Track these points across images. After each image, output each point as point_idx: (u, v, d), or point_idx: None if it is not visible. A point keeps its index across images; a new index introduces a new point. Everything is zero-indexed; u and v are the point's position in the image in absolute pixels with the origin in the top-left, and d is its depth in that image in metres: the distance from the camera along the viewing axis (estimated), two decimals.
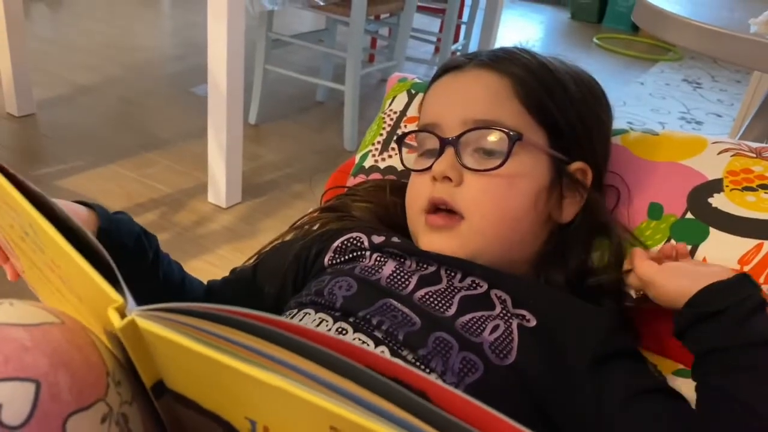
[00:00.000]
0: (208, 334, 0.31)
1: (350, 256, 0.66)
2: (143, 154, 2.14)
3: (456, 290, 0.60)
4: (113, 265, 0.36)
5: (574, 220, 0.67)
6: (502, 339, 0.56)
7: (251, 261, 0.74)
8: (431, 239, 0.64)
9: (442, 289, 0.60)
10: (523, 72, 0.64)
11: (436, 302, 0.59)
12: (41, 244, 0.38)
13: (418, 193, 0.66)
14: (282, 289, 0.69)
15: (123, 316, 0.32)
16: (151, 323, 0.31)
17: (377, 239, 0.66)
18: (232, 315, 0.32)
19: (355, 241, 0.67)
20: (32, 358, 0.33)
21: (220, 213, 1.87)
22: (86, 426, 0.33)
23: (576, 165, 0.66)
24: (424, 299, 0.59)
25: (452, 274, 0.62)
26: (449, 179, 0.62)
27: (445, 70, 0.70)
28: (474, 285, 0.61)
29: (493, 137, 0.62)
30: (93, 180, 1.96)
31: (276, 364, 0.30)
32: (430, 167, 0.64)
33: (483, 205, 0.62)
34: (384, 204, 0.74)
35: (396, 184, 0.77)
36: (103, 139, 2.24)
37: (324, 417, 0.27)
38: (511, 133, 0.62)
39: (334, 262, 0.67)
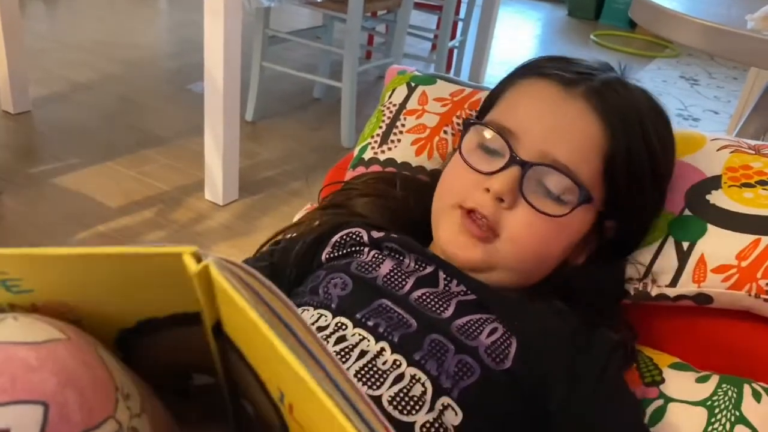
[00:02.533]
0: (266, 306, 0.32)
1: (348, 250, 0.66)
2: (140, 152, 2.13)
3: (453, 295, 0.60)
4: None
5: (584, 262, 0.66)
6: (499, 343, 0.56)
7: (262, 262, 0.72)
8: (459, 239, 0.62)
9: (439, 292, 0.60)
10: (621, 130, 0.61)
11: (432, 304, 0.59)
12: (27, 289, 0.37)
13: (463, 189, 0.62)
14: (287, 290, 0.68)
15: (198, 261, 0.33)
16: (222, 274, 0.32)
17: (376, 234, 0.65)
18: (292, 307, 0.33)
19: (354, 236, 0.66)
20: (39, 378, 0.32)
21: (217, 210, 1.87)
22: None
23: (610, 223, 0.65)
24: (420, 300, 0.59)
25: (449, 278, 0.62)
26: (502, 200, 0.60)
27: (548, 75, 0.63)
28: (465, 293, 0.61)
29: (564, 185, 0.59)
30: (90, 177, 1.95)
31: (311, 359, 0.31)
32: (488, 174, 0.61)
33: (523, 239, 0.60)
34: (391, 196, 0.72)
35: (407, 178, 0.76)
36: (100, 137, 2.23)
37: (336, 427, 0.28)
38: (584, 192, 0.60)
39: (331, 256, 0.67)
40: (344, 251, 0.66)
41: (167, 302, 0.36)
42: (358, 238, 0.66)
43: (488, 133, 0.63)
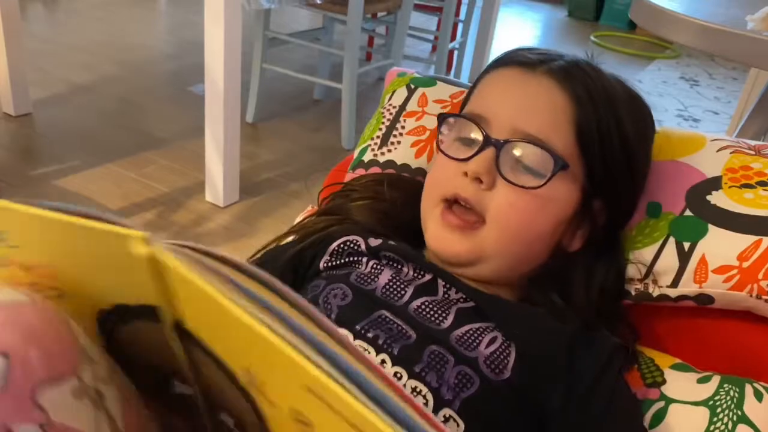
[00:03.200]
0: (220, 276, 0.32)
1: (346, 260, 0.66)
2: (141, 154, 2.13)
3: (453, 302, 0.60)
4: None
5: (580, 249, 0.66)
6: (498, 353, 0.56)
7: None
8: (442, 234, 0.62)
9: (439, 300, 0.60)
10: (588, 99, 0.62)
11: (431, 313, 0.58)
12: (9, 247, 0.38)
13: (444, 180, 0.63)
14: None
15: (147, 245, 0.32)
16: (171, 257, 0.31)
17: (374, 242, 0.65)
18: (251, 271, 0.32)
19: (351, 245, 0.66)
20: (2, 332, 0.33)
21: (218, 212, 1.87)
22: (58, 398, 0.33)
23: (598, 203, 0.65)
24: (419, 310, 0.59)
25: (447, 286, 0.61)
26: (480, 181, 0.61)
27: (511, 61, 0.66)
28: (465, 300, 0.61)
29: (538, 157, 0.60)
30: (90, 179, 1.95)
31: (274, 317, 0.30)
32: (465, 159, 0.62)
33: (508, 218, 0.61)
34: (383, 199, 0.73)
35: (394, 179, 0.76)
36: (101, 139, 2.23)
37: (301, 375, 0.27)
38: (558, 160, 0.60)
39: (329, 265, 0.66)
40: (342, 260, 0.66)
41: (133, 288, 0.36)
42: (355, 247, 0.66)
43: (461, 123, 0.65)
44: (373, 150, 0.83)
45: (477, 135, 0.62)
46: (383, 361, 0.54)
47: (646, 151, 0.68)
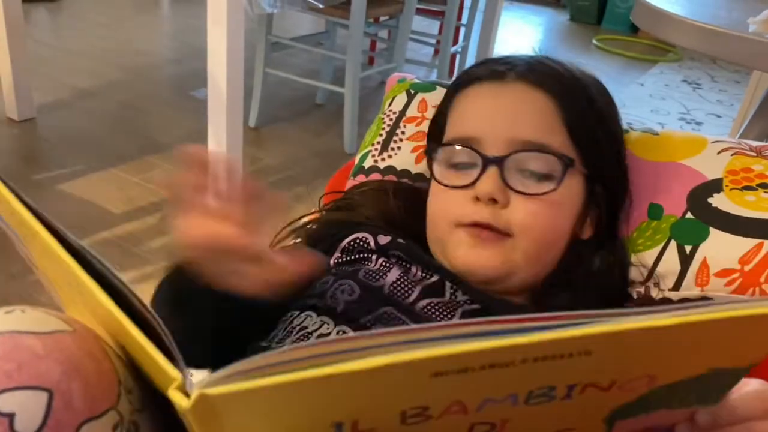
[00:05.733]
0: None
1: (356, 257, 0.66)
2: (144, 158, 2.14)
3: (459, 304, 0.60)
4: (166, 334, 0.33)
5: (592, 235, 0.67)
6: None
7: None
8: (473, 252, 0.61)
9: (446, 302, 0.60)
10: (563, 90, 0.63)
11: (437, 314, 0.58)
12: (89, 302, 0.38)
13: (454, 209, 0.62)
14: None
15: (186, 394, 0.30)
16: (220, 387, 0.29)
17: (383, 240, 0.65)
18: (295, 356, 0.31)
19: (361, 242, 0.66)
20: (45, 367, 0.32)
21: None
22: None
23: (599, 187, 0.66)
24: (426, 310, 0.59)
25: (454, 287, 0.61)
26: (495, 201, 0.60)
27: (478, 77, 0.66)
28: (470, 302, 0.61)
29: (543, 161, 0.60)
30: (94, 184, 1.96)
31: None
32: (469, 185, 0.61)
33: (533, 229, 0.60)
34: (387, 209, 0.72)
35: (399, 187, 0.76)
36: (104, 143, 2.24)
37: (425, 367, 0.27)
38: (564, 158, 0.60)
39: (339, 261, 0.67)
40: (352, 257, 0.66)
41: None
42: (365, 245, 0.66)
43: (453, 150, 0.64)
44: (373, 156, 0.83)
45: (472, 157, 0.62)
46: None
47: (617, 126, 0.69)
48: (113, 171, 2.04)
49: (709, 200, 0.67)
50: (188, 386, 0.30)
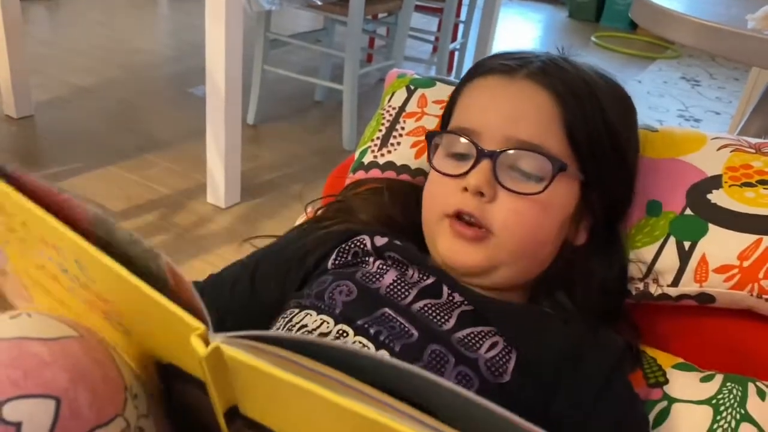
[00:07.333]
0: (287, 361, 0.31)
1: (353, 258, 0.66)
2: (142, 156, 2.14)
3: (456, 305, 0.60)
4: (194, 291, 0.34)
5: (586, 242, 0.66)
6: (498, 358, 0.56)
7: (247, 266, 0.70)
8: (454, 246, 0.62)
9: (442, 303, 0.60)
10: (571, 96, 0.62)
11: (434, 314, 0.58)
12: (89, 279, 0.37)
13: (443, 197, 0.63)
14: (282, 293, 0.67)
15: (206, 343, 0.31)
16: (235, 350, 0.30)
17: (380, 241, 0.65)
18: (313, 343, 0.32)
19: (359, 243, 0.66)
20: (52, 374, 0.32)
21: (219, 213, 1.87)
22: None
23: (596, 194, 0.65)
24: (422, 310, 0.59)
25: (451, 289, 0.61)
26: (482, 194, 0.60)
27: (490, 70, 0.66)
28: (467, 303, 0.61)
29: (536, 162, 0.60)
30: (92, 182, 1.95)
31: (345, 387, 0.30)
32: (461, 175, 0.61)
33: (514, 227, 0.60)
34: (384, 213, 0.72)
35: (393, 186, 0.76)
36: (102, 141, 2.23)
37: None
38: (556, 162, 0.60)
39: (337, 263, 0.66)
40: (350, 259, 0.66)
41: (188, 360, 0.35)
42: (362, 246, 0.66)
43: (452, 139, 0.64)
44: (373, 151, 0.83)
45: (469, 149, 0.62)
46: None
47: (631, 136, 0.68)
48: (111, 169, 2.04)
49: (709, 196, 0.67)
50: (211, 337, 0.31)
